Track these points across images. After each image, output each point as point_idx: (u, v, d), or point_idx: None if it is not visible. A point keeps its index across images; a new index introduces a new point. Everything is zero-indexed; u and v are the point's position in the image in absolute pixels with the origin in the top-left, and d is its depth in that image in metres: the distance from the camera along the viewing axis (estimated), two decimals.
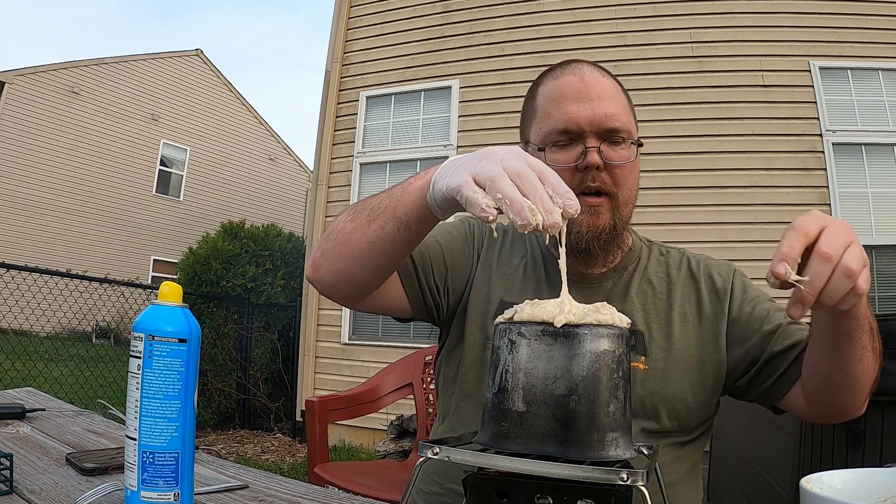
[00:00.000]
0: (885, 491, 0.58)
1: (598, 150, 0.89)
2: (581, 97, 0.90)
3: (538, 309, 0.57)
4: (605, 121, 0.89)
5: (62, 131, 14.36)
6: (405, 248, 0.82)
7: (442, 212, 0.72)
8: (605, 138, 0.90)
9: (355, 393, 2.38)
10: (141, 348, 0.66)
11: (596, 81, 0.92)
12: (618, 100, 0.93)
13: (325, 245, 0.86)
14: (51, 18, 67.39)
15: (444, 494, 0.95)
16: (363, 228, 0.80)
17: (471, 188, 0.61)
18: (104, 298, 5.76)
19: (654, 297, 0.97)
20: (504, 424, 0.55)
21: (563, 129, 0.90)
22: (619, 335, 0.56)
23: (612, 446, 0.53)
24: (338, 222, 0.86)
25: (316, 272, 0.88)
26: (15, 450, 0.93)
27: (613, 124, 0.90)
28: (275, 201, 17.92)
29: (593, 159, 0.88)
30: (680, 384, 0.91)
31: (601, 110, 0.89)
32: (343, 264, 0.84)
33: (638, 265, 1.00)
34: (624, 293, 0.97)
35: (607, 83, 0.93)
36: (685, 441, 0.93)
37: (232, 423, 5.66)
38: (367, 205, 0.82)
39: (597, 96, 0.90)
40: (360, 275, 0.85)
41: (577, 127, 0.89)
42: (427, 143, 5.26)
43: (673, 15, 4.73)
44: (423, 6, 5.50)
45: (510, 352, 0.56)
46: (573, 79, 0.93)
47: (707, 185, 4.31)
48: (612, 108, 0.90)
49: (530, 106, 0.99)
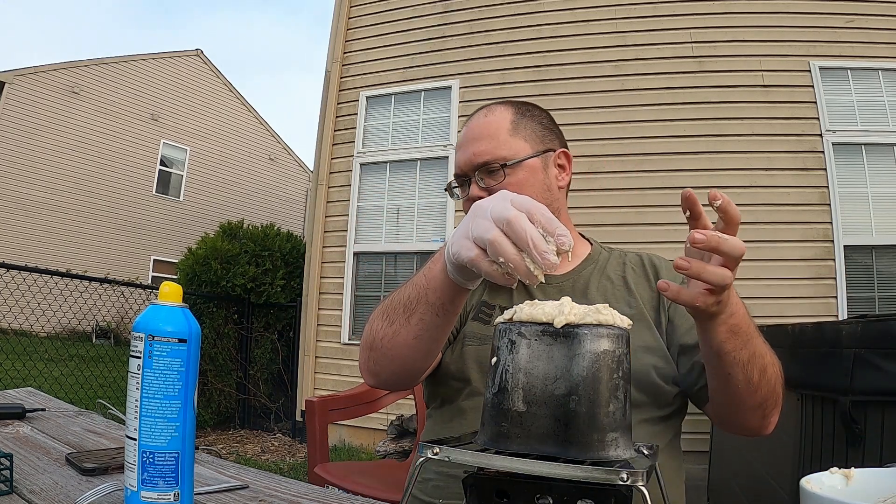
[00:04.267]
0: (885, 491, 0.58)
1: (477, 183, 1.05)
2: (462, 145, 1.08)
3: (537, 310, 0.57)
4: (474, 159, 1.05)
5: (62, 131, 14.35)
6: (449, 325, 0.83)
7: (470, 282, 0.74)
8: (483, 172, 1.05)
9: (355, 393, 2.38)
10: (141, 348, 0.65)
11: (475, 125, 1.08)
12: (488, 137, 1.06)
13: (373, 354, 0.90)
14: (51, 18, 67.38)
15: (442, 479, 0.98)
16: (405, 327, 0.83)
17: (483, 260, 0.63)
18: (104, 298, 5.76)
19: (614, 289, 1.06)
20: (504, 424, 0.55)
21: (455, 175, 1.10)
22: (620, 335, 0.56)
23: (612, 446, 0.53)
24: (375, 330, 0.88)
25: (377, 379, 0.94)
26: (15, 450, 0.93)
27: (480, 160, 1.05)
28: (275, 201, 17.93)
29: (473, 192, 1.05)
30: (644, 360, 0.96)
31: (471, 151, 1.06)
32: (399, 365, 0.89)
33: (596, 266, 1.11)
34: (584, 289, 1.06)
35: (485, 122, 1.08)
36: (660, 416, 0.97)
37: (232, 423, 5.66)
38: (396, 303, 0.85)
39: (471, 140, 1.07)
40: (418, 365, 0.90)
41: (461, 171, 1.08)
42: (427, 143, 5.27)
43: (673, 15, 4.73)
44: (423, 6, 5.50)
45: (510, 352, 0.56)
46: (465, 129, 1.10)
47: (707, 185, 4.30)
48: (480, 146, 1.05)
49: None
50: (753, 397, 0.83)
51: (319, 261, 5.39)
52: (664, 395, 0.96)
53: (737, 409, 0.86)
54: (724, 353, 0.77)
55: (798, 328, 2.10)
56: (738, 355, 0.78)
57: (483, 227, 0.63)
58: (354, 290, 5.27)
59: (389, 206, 5.33)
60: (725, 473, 3.01)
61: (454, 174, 1.10)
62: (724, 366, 0.79)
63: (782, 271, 4.18)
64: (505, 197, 0.64)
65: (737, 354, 0.78)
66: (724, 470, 3.03)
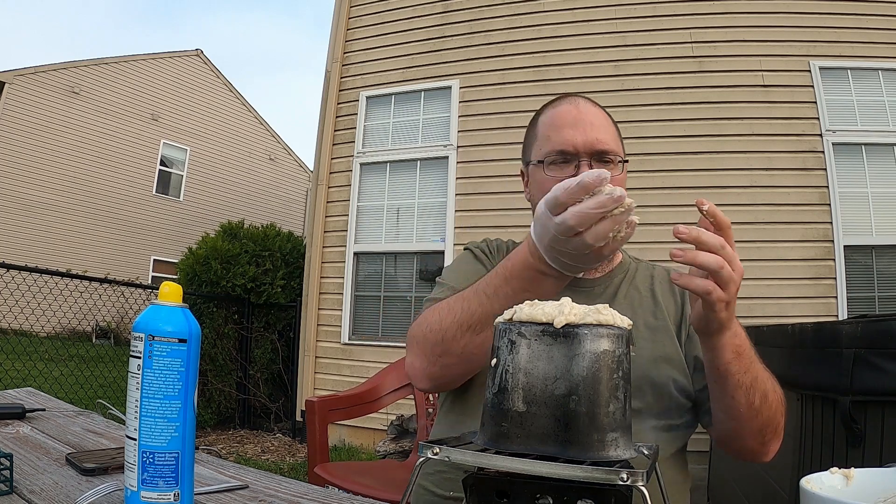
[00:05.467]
0: (885, 491, 0.58)
1: (589, 167, 1.00)
2: (576, 123, 1.04)
3: (537, 310, 0.57)
4: (597, 144, 1.02)
5: (62, 131, 14.35)
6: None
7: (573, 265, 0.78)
8: (597, 159, 1.02)
9: (355, 393, 2.38)
10: (141, 348, 0.65)
11: (588, 111, 1.06)
12: (607, 128, 1.06)
13: (445, 360, 0.91)
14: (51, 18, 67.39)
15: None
16: (482, 338, 0.85)
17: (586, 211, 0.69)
18: (104, 298, 5.77)
19: (641, 299, 1.08)
20: (504, 424, 0.55)
21: (559, 150, 1.03)
22: (620, 335, 0.56)
23: (612, 446, 0.53)
24: (451, 338, 0.88)
25: (438, 382, 0.96)
26: (15, 450, 0.93)
27: (603, 147, 1.02)
28: (275, 201, 17.93)
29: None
30: (665, 371, 0.98)
31: (593, 135, 1.02)
32: (475, 367, 0.92)
33: (626, 275, 1.12)
34: (613, 295, 1.08)
35: (599, 113, 1.07)
36: (672, 425, 0.98)
37: (232, 423, 5.66)
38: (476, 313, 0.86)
39: (589, 124, 1.04)
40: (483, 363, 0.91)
41: (573, 148, 1.02)
42: (427, 143, 5.26)
43: (673, 15, 4.73)
44: (423, 6, 5.50)
45: (510, 352, 0.56)
46: (569, 108, 1.06)
47: (707, 185, 4.31)
48: (602, 134, 1.03)
49: (531, 133, 1.12)
50: (754, 421, 0.87)
51: (319, 261, 5.39)
52: (679, 407, 0.98)
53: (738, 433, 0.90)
54: (729, 374, 0.81)
55: (798, 328, 2.10)
56: (742, 378, 0.82)
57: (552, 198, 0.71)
58: (354, 290, 5.27)
59: (389, 206, 5.33)
60: (725, 473, 3.01)
61: (556, 150, 1.03)
62: (728, 388, 0.83)
63: (782, 271, 4.18)
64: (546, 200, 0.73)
65: (741, 377, 0.82)
66: (724, 470, 3.03)
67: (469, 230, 4.91)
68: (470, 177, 5.03)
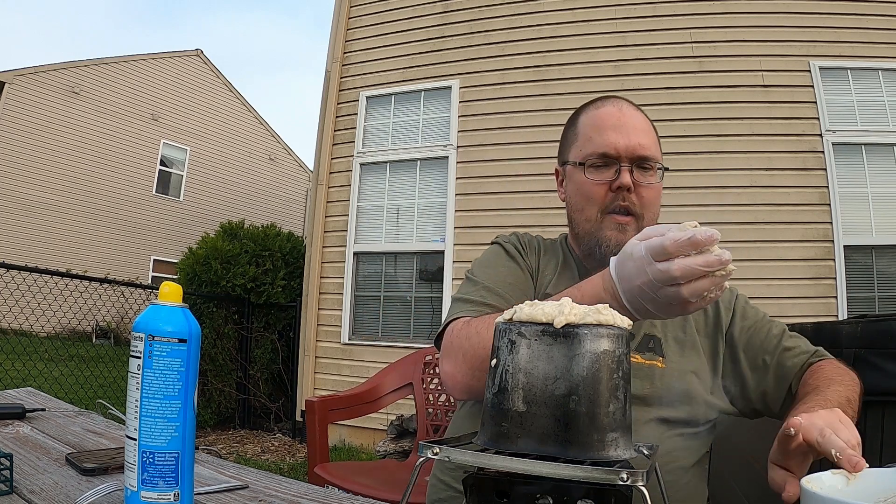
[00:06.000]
0: (885, 491, 0.58)
1: (629, 172, 1.01)
2: (619, 127, 1.03)
3: (537, 310, 0.57)
4: (639, 149, 1.02)
5: (62, 131, 14.36)
6: None
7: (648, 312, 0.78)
8: (637, 165, 1.02)
9: (355, 393, 2.38)
10: (141, 348, 0.65)
11: (632, 114, 1.05)
12: (649, 134, 1.05)
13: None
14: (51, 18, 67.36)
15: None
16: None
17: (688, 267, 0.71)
18: (104, 298, 5.77)
19: None
20: (504, 424, 0.55)
21: (602, 153, 1.02)
22: (619, 335, 0.56)
23: (612, 446, 0.53)
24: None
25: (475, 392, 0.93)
26: (15, 450, 0.93)
27: (645, 153, 1.02)
28: (275, 201, 17.93)
29: (626, 179, 1.00)
30: (694, 384, 1.00)
31: (636, 140, 1.02)
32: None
33: None
34: None
35: (641, 117, 1.07)
36: (695, 432, 1.00)
37: (232, 423, 5.66)
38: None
39: (632, 128, 1.03)
40: None
41: (615, 152, 1.01)
42: (427, 143, 5.26)
43: (673, 15, 4.73)
44: (423, 6, 5.50)
45: (510, 352, 0.56)
46: (613, 110, 1.05)
47: (707, 185, 4.31)
48: (644, 139, 1.03)
49: (571, 131, 1.10)
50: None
51: (319, 261, 5.39)
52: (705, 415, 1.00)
53: None
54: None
55: (798, 328, 2.10)
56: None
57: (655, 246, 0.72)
58: (354, 290, 5.27)
59: (389, 206, 5.33)
60: (726, 473, 3.01)
61: (598, 153, 1.02)
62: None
63: (782, 271, 4.18)
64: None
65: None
66: (725, 470, 3.03)
67: (469, 230, 4.92)
68: (470, 177, 5.03)
